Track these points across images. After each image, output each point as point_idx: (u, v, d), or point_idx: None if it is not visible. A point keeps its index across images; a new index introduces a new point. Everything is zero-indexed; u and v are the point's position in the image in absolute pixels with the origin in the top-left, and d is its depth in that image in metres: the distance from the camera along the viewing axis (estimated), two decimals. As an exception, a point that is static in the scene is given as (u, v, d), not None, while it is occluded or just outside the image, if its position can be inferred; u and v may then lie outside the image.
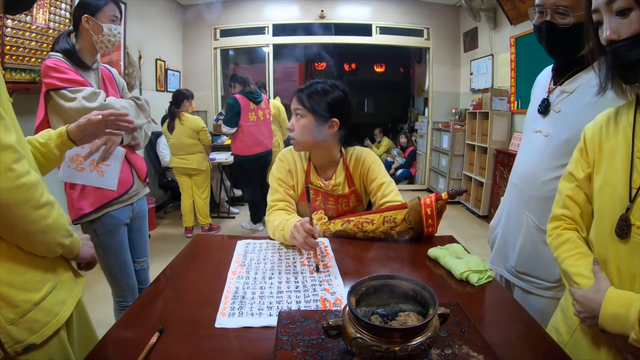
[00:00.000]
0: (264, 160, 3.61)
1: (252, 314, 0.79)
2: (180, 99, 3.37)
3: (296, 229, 1.05)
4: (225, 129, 3.41)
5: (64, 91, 1.27)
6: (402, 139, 6.24)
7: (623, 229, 0.68)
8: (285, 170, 1.32)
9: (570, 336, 0.82)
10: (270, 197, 1.31)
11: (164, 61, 4.48)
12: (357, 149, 1.34)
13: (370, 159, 1.33)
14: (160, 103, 4.37)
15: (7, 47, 2.10)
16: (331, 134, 1.24)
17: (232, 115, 3.34)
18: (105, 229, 1.42)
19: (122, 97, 1.50)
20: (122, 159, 1.42)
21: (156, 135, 3.97)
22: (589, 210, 0.81)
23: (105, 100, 1.33)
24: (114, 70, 1.54)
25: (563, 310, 0.87)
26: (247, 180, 3.69)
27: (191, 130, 3.34)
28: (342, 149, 1.33)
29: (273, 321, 0.74)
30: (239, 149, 3.46)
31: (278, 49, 5.32)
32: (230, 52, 5.84)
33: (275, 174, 1.32)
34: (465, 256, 1.03)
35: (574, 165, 0.83)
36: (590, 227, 0.81)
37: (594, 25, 0.71)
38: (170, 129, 3.33)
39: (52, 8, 2.40)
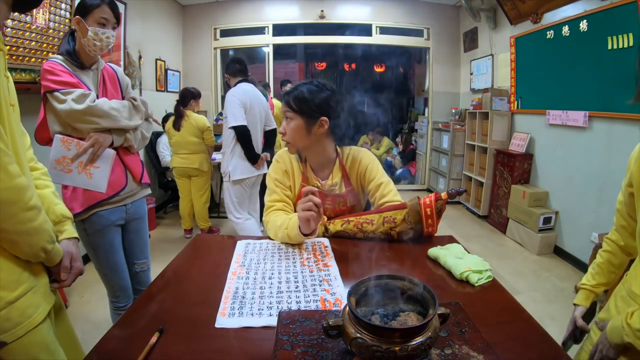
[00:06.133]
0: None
1: (252, 314, 0.79)
2: (188, 97, 3.34)
3: (303, 201, 1.05)
4: None
5: (57, 93, 1.29)
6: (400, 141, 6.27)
7: None
8: (282, 171, 1.32)
9: None
10: (267, 198, 1.31)
11: (164, 61, 4.48)
12: (354, 149, 1.34)
13: (367, 159, 1.32)
14: (160, 103, 4.37)
15: (7, 47, 2.10)
16: (322, 133, 1.24)
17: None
18: (94, 229, 1.42)
19: (124, 97, 1.49)
20: (112, 161, 1.41)
21: (156, 135, 3.96)
22: None
23: (94, 102, 1.32)
24: (118, 69, 1.53)
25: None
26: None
27: (196, 129, 3.32)
28: (338, 148, 1.33)
29: (273, 321, 0.74)
30: None
31: (278, 49, 5.32)
32: (230, 52, 5.83)
33: (272, 175, 1.32)
34: (465, 256, 1.03)
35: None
36: None
37: None
38: (177, 127, 3.29)
39: (52, 8, 2.40)
